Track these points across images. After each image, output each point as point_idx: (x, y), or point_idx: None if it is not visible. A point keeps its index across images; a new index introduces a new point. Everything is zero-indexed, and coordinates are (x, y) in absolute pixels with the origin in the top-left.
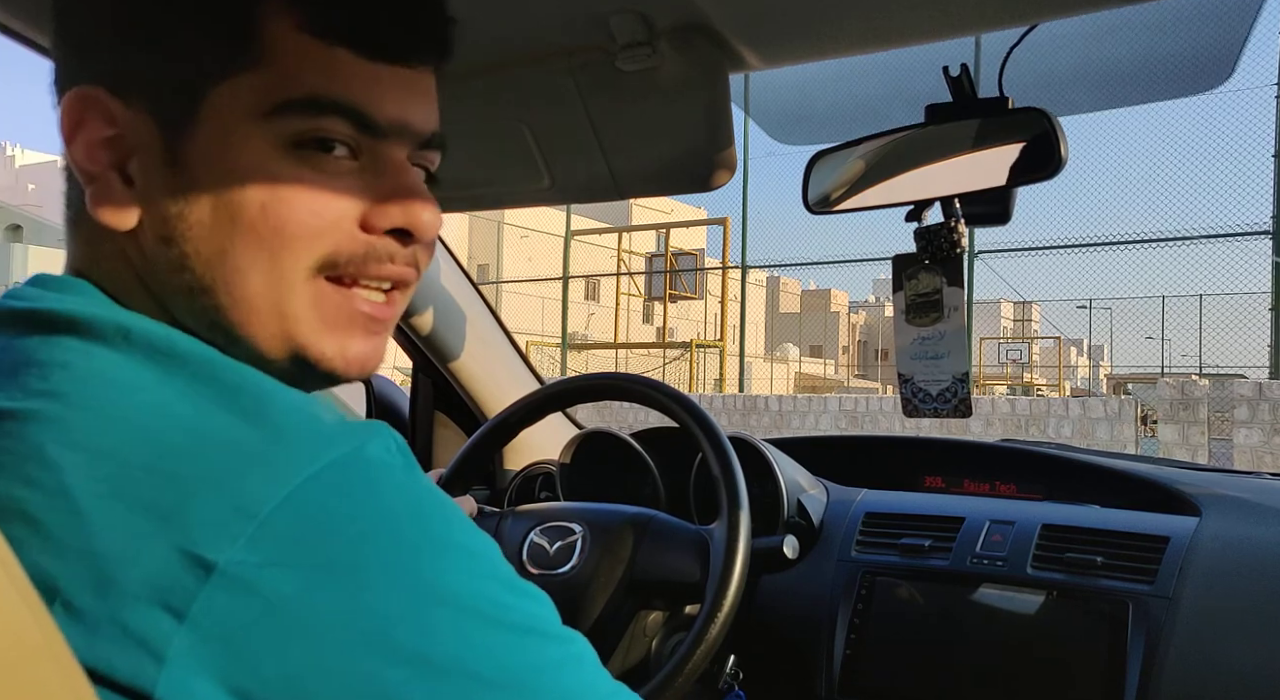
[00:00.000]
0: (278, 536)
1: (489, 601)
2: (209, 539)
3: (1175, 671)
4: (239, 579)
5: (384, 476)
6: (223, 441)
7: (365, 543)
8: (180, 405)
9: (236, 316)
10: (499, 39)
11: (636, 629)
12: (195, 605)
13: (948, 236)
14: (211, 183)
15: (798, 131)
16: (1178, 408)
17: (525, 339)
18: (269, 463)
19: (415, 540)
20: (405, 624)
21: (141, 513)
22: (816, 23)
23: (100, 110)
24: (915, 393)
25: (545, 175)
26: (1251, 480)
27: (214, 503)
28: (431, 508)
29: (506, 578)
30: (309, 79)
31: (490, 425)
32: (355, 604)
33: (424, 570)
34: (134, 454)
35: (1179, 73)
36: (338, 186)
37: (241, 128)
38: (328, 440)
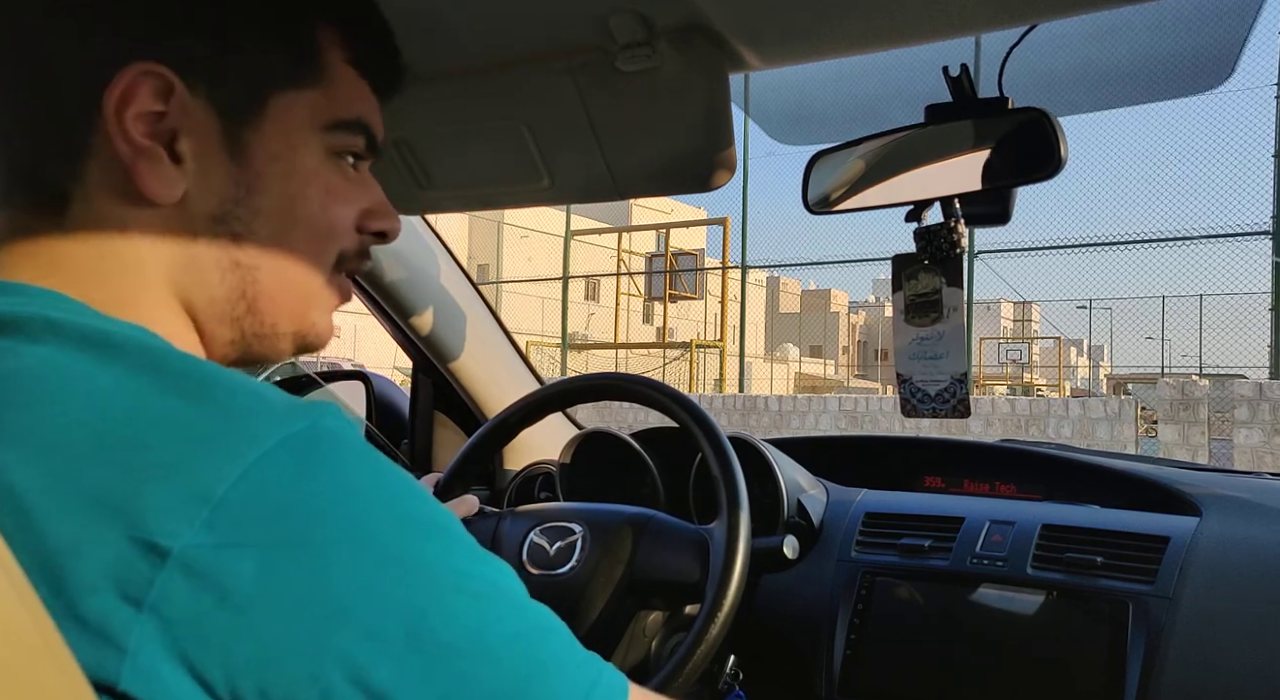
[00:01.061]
0: (234, 517)
1: (453, 571)
2: (163, 525)
3: (1175, 672)
4: (195, 564)
5: (339, 450)
6: (170, 426)
7: (324, 518)
8: (121, 393)
9: (275, 291)
10: (498, 39)
11: (636, 629)
12: (153, 593)
13: (947, 236)
14: (275, 178)
15: (798, 131)
16: (1178, 408)
17: (525, 339)
18: (220, 443)
19: (375, 513)
20: (370, 598)
21: (90, 504)
22: (816, 23)
23: (156, 87)
24: (914, 393)
25: (545, 175)
26: (1251, 480)
27: (166, 488)
28: (389, 480)
29: (469, 547)
30: (355, 104)
31: (490, 425)
32: (318, 581)
33: (386, 543)
34: (76, 446)
35: (1179, 73)
36: (355, 193)
37: (303, 134)
38: (279, 417)
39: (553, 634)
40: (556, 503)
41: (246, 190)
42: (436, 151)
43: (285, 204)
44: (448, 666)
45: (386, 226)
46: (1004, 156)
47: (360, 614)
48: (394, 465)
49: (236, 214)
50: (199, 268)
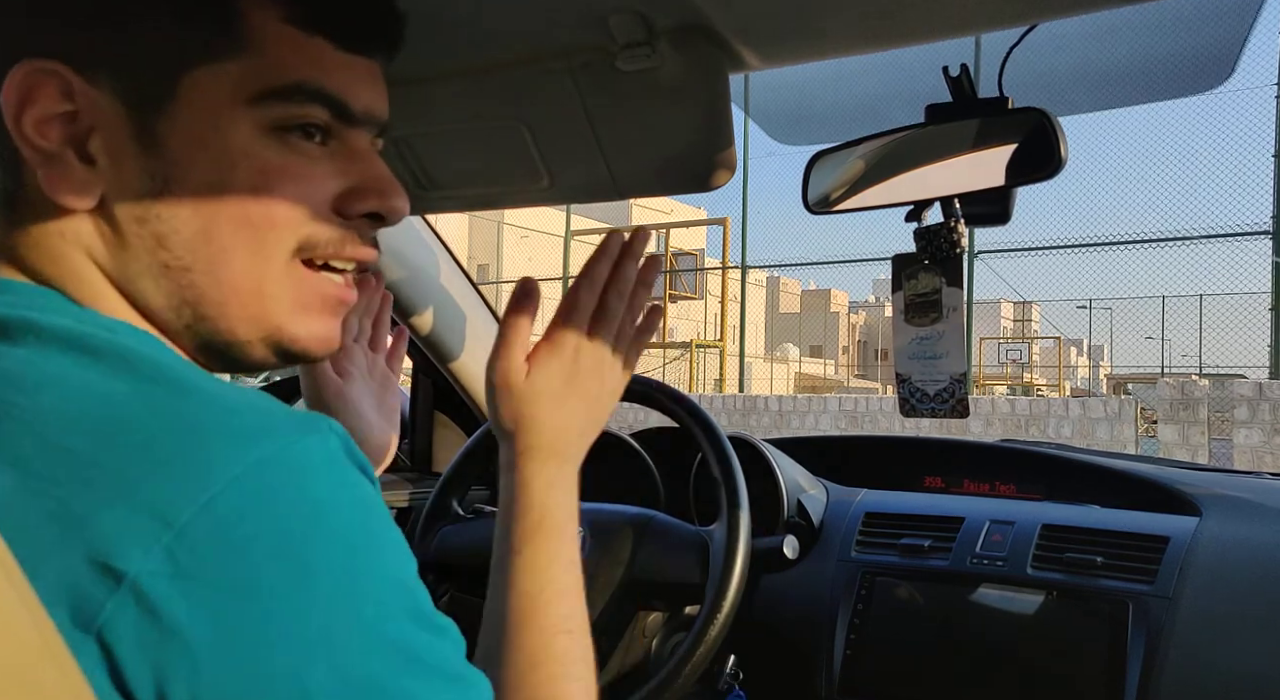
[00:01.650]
0: (192, 548)
1: (399, 641)
2: (120, 548)
3: (1175, 671)
4: (148, 592)
5: (304, 482)
6: (137, 441)
7: (279, 561)
8: (92, 402)
9: (216, 295)
10: (498, 39)
11: (636, 629)
12: (103, 616)
13: (947, 236)
14: (194, 165)
15: (798, 131)
16: (1178, 408)
17: None
18: (186, 465)
19: (329, 565)
20: (312, 653)
21: (52, 518)
22: (816, 23)
23: (56, 86)
24: (913, 393)
25: (544, 175)
26: (1251, 480)
27: (128, 509)
28: (352, 523)
29: (420, 612)
30: (294, 68)
31: (490, 425)
32: (267, 626)
33: (334, 602)
34: (45, 456)
35: (1179, 73)
36: (316, 172)
37: (226, 112)
38: (251, 438)
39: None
40: None
41: (164, 184)
42: (436, 151)
43: (208, 194)
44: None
45: (377, 206)
46: (1004, 156)
47: (297, 670)
48: (363, 500)
49: (156, 211)
50: (134, 275)
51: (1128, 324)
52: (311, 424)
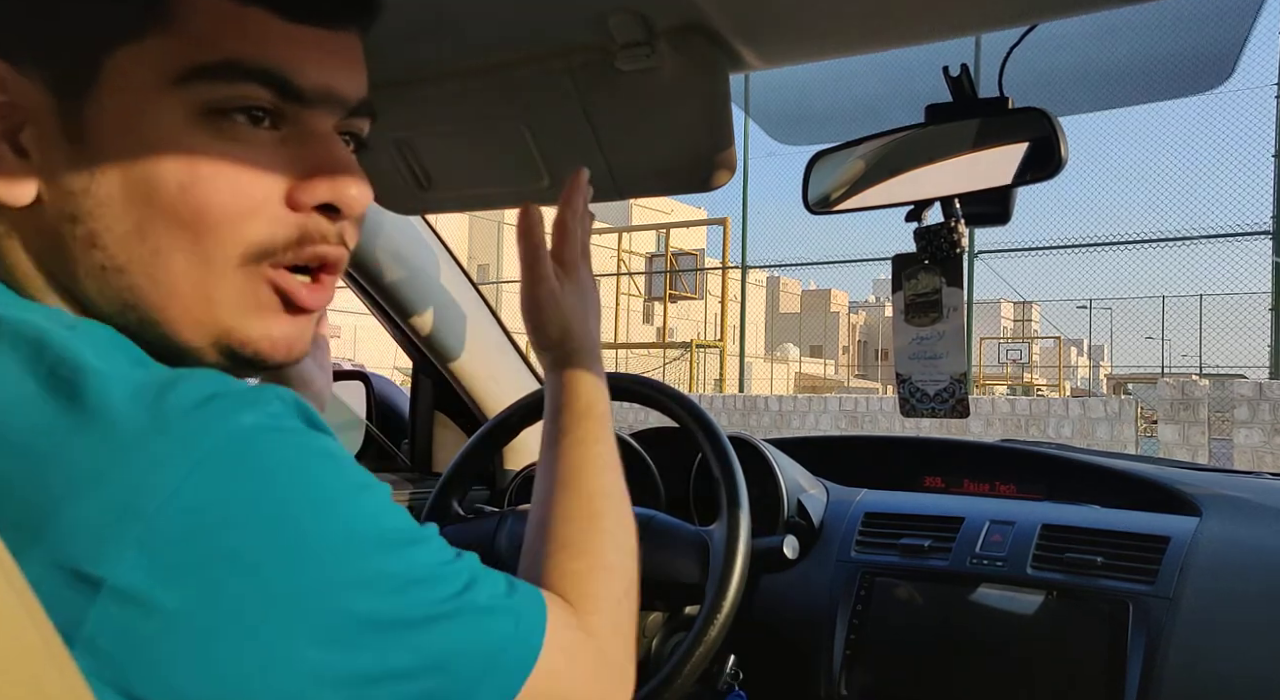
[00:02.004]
0: (170, 537)
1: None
2: (90, 550)
3: (1175, 671)
4: (133, 592)
5: (269, 453)
6: (90, 435)
7: (262, 532)
8: (35, 403)
9: (155, 299)
10: (498, 39)
11: (636, 629)
12: (87, 626)
13: (948, 236)
14: (121, 156)
15: (798, 131)
16: (1178, 408)
17: (525, 339)
18: (146, 451)
19: (303, 526)
20: (314, 606)
21: (5, 528)
22: (816, 23)
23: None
24: (913, 393)
25: (545, 175)
26: (1251, 480)
27: (89, 506)
28: (315, 480)
29: (397, 537)
30: (224, 42)
31: (490, 425)
32: (263, 597)
33: (316, 555)
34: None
35: (1179, 73)
36: (261, 161)
37: (151, 95)
38: (207, 420)
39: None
40: None
41: (92, 178)
42: (436, 151)
43: (138, 187)
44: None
45: (328, 195)
46: (1004, 156)
47: (306, 625)
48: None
49: (88, 208)
50: (74, 275)
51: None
52: (259, 395)
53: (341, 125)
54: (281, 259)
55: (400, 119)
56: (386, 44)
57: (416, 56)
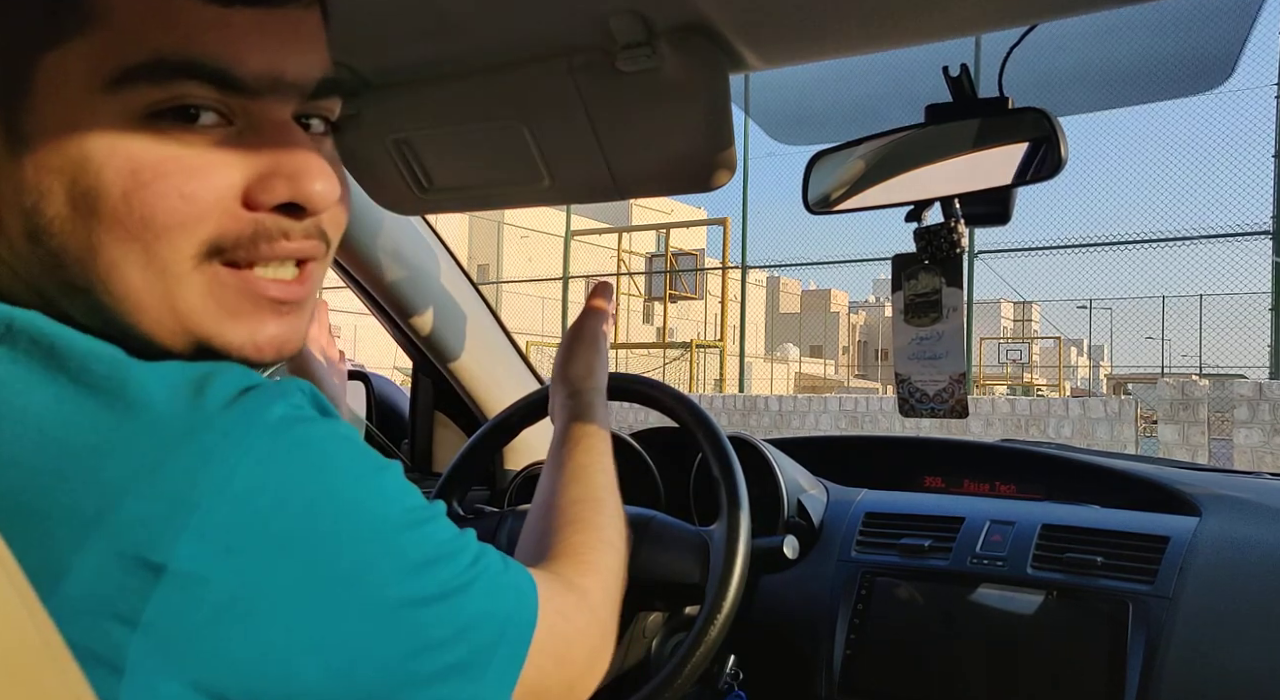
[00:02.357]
0: (224, 522)
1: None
2: (150, 538)
3: (1175, 671)
4: (194, 575)
5: (304, 442)
6: (137, 431)
7: (308, 516)
8: (77, 401)
9: (125, 313)
10: (499, 39)
11: (636, 629)
12: (149, 610)
13: (947, 236)
14: (60, 169)
15: (798, 132)
16: (1178, 408)
17: (525, 339)
18: (195, 445)
19: (347, 505)
20: (358, 585)
21: (61, 521)
22: (816, 23)
23: None
24: (912, 393)
25: (545, 175)
26: (1251, 480)
27: (145, 498)
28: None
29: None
30: (150, 37)
31: (490, 425)
32: (313, 577)
33: (360, 534)
34: (38, 460)
35: (1179, 73)
36: (209, 162)
37: (85, 101)
38: (248, 413)
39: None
40: None
41: (38, 194)
42: (436, 151)
43: (83, 200)
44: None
45: (288, 194)
46: (1004, 156)
47: (360, 596)
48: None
49: (42, 226)
50: (49, 298)
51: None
52: (284, 388)
53: (306, 109)
54: (238, 257)
55: (400, 119)
56: (387, 44)
57: (417, 56)
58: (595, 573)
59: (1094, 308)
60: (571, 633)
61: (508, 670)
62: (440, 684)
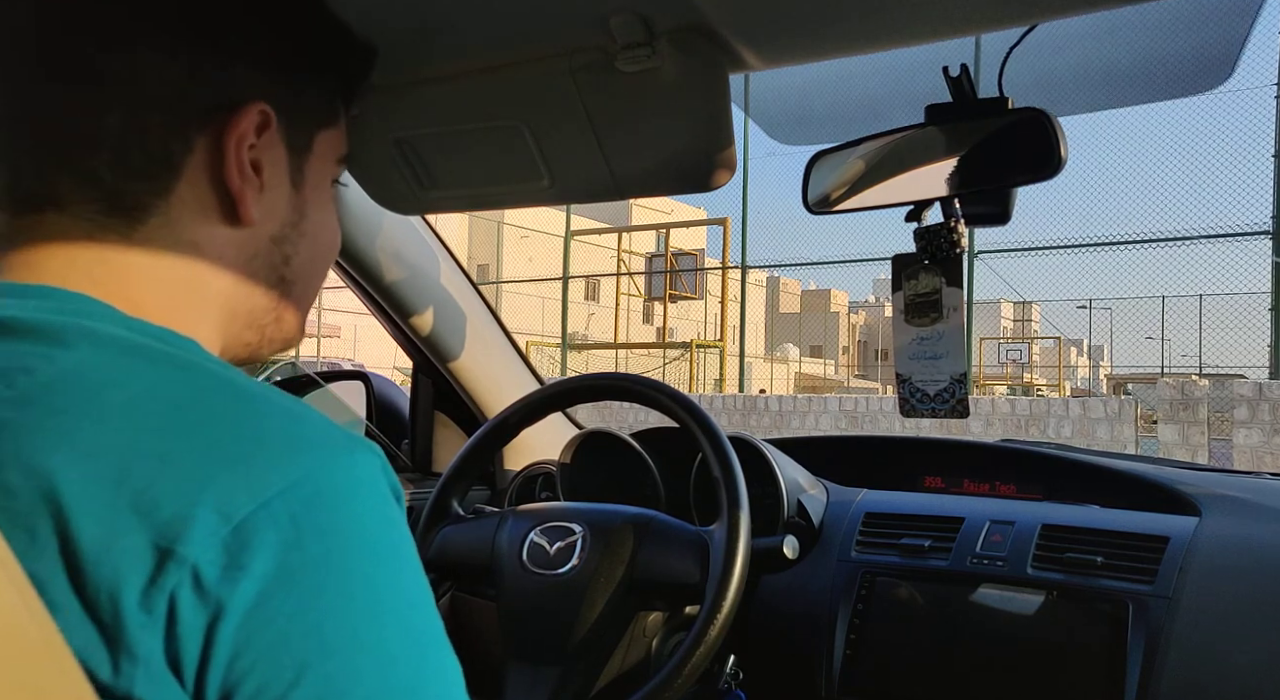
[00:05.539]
0: (247, 543)
1: (419, 662)
2: (184, 535)
3: (1176, 671)
4: (204, 579)
5: (359, 497)
6: (203, 441)
7: (325, 564)
8: (158, 402)
9: (298, 303)
10: (499, 39)
11: (636, 629)
12: (165, 600)
13: (947, 236)
14: (315, 204)
15: (798, 132)
16: (1178, 408)
17: (525, 339)
18: (249, 466)
19: (362, 574)
20: (342, 645)
21: (122, 509)
22: (816, 23)
23: (256, 123)
24: (913, 393)
25: (545, 175)
26: (1251, 480)
27: (196, 501)
28: (386, 539)
29: (435, 636)
30: (347, 137)
31: (490, 425)
32: (293, 624)
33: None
34: (115, 450)
35: (1179, 73)
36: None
37: (329, 167)
38: (310, 449)
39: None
40: (557, 503)
41: (299, 215)
42: (437, 151)
43: (319, 228)
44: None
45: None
46: (1004, 157)
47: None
48: (402, 524)
49: (289, 236)
50: (253, 282)
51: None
52: (360, 442)
53: None
54: None
55: (400, 119)
56: (387, 44)
57: (417, 56)
58: None
59: (1094, 308)
60: None
61: None
62: None
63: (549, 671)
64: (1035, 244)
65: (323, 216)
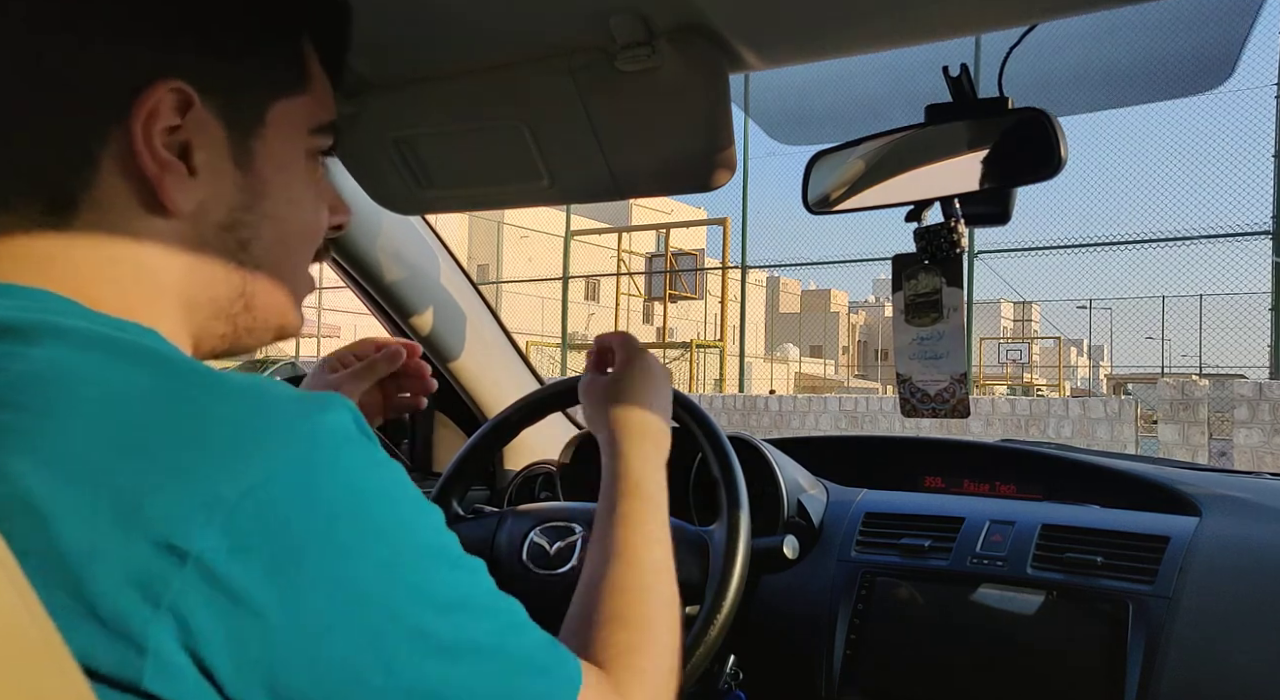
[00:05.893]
0: (247, 521)
1: (437, 587)
2: (180, 527)
3: (1176, 671)
4: (212, 566)
5: (341, 451)
6: (181, 429)
7: (329, 524)
8: (130, 397)
9: (269, 292)
10: (499, 39)
11: None
12: (171, 593)
13: (947, 236)
14: (278, 183)
15: (798, 132)
16: (1178, 408)
17: (525, 339)
18: (232, 447)
19: (375, 518)
20: (378, 602)
21: (107, 507)
22: (816, 23)
23: (176, 102)
24: (913, 393)
25: (544, 175)
26: (1251, 480)
27: (181, 492)
28: (385, 483)
29: (450, 555)
30: (330, 105)
31: (490, 425)
32: (330, 585)
33: (378, 557)
34: (89, 450)
35: (1179, 73)
36: (325, 190)
37: (296, 139)
38: (289, 423)
39: (520, 627)
40: (557, 502)
41: (253, 197)
42: (436, 151)
43: (285, 208)
44: (439, 668)
45: (342, 219)
46: (1004, 156)
47: (355, 620)
48: (388, 467)
49: (244, 221)
50: (207, 272)
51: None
52: (324, 401)
53: None
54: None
55: (400, 119)
56: (387, 44)
57: (416, 56)
58: (642, 684)
59: (1094, 308)
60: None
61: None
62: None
63: None
64: (1035, 244)
65: (292, 194)
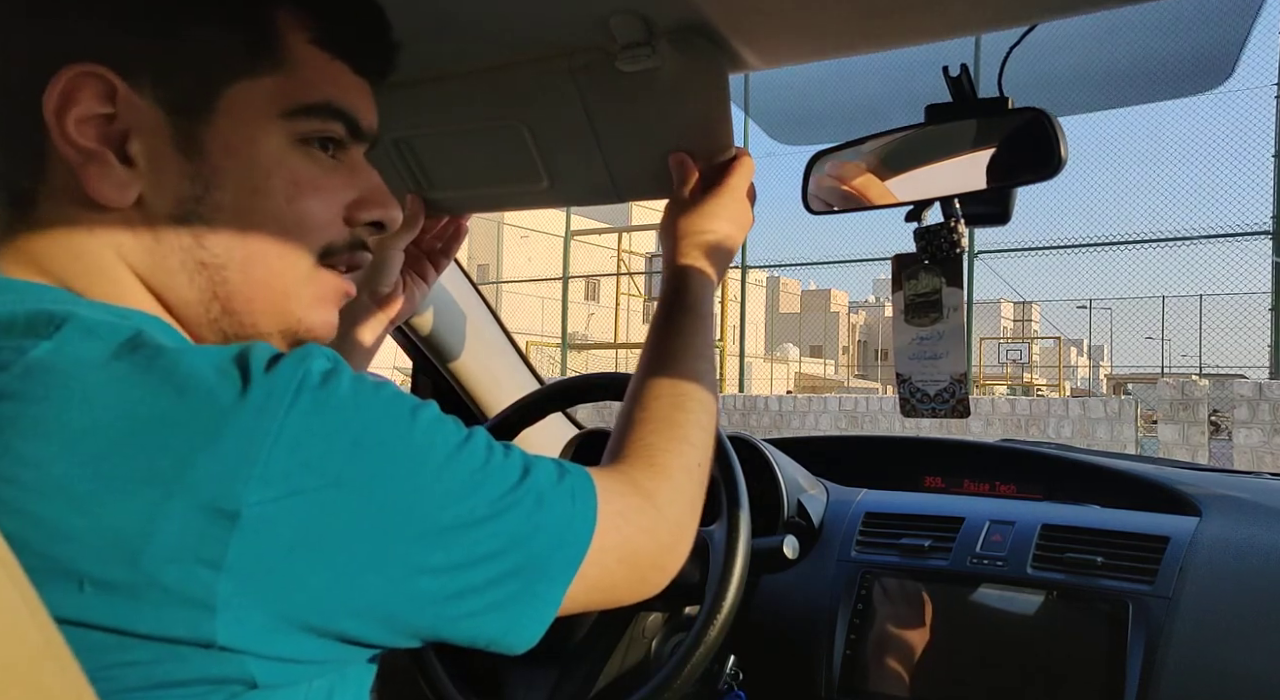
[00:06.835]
0: (284, 470)
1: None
2: (224, 490)
3: (1175, 671)
4: (264, 517)
5: (339, 390)
6: (197, 398)
7: (358, 452)
8: (139, 374)
9: (246, 292)
10: (498, 39)
11: (636, 629)
12: (230, 552)
13: (948, 236)
14: (234, 171)
15: (798, 132)
16: (1178, 408)
17: (525, 339)
18: (248, 407)
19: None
20: (414, 504)
21: (144, 482)
22: (816, 23)
23: (98, 89)
24: (913, 393)
25: (544, 177)
26: (1251, 480)
27: (215, 457)
28: (384, 405)
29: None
30: (322, 87)
31: (490, 425)
32: (368, 510)
33: (405, 468)
34: (111, 430)
35: (1179, 73)
36: (333, 182)
37: (262, 124)
38: (286, 373)
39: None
40: None
41: (205, 187)
42: (436, 151)
43: (247, 199)
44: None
45: (380, 216)
46: (1004, 156)
47: (412, 520)
48: (383, 386)
49: (197, 212)
50: (166, 270)
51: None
52: (303, 354)
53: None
54: (338, 261)
55: (400, 119)
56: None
57: (417, 56)
58: (664, 476)
59: (1094, 308)
60: (634, 532)
61: (564, 571)
62: (497, 588)
63: (548, 672)
64: (1035, 244)
65: (255, 184)
